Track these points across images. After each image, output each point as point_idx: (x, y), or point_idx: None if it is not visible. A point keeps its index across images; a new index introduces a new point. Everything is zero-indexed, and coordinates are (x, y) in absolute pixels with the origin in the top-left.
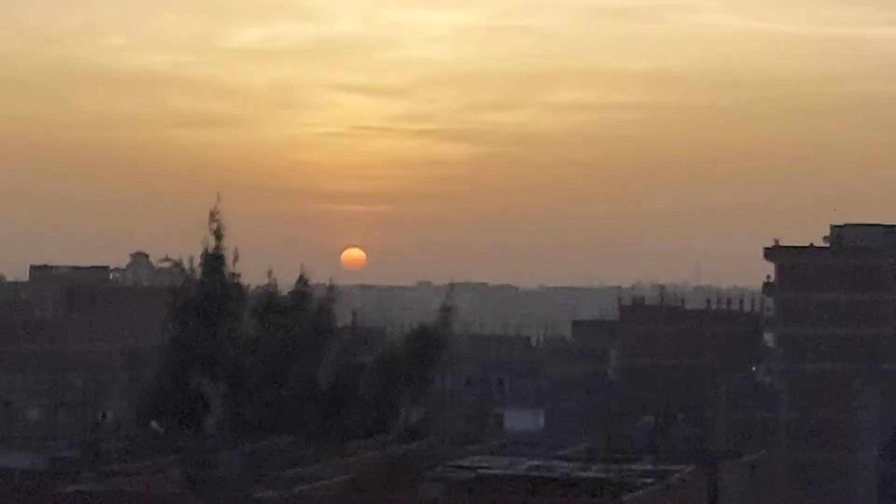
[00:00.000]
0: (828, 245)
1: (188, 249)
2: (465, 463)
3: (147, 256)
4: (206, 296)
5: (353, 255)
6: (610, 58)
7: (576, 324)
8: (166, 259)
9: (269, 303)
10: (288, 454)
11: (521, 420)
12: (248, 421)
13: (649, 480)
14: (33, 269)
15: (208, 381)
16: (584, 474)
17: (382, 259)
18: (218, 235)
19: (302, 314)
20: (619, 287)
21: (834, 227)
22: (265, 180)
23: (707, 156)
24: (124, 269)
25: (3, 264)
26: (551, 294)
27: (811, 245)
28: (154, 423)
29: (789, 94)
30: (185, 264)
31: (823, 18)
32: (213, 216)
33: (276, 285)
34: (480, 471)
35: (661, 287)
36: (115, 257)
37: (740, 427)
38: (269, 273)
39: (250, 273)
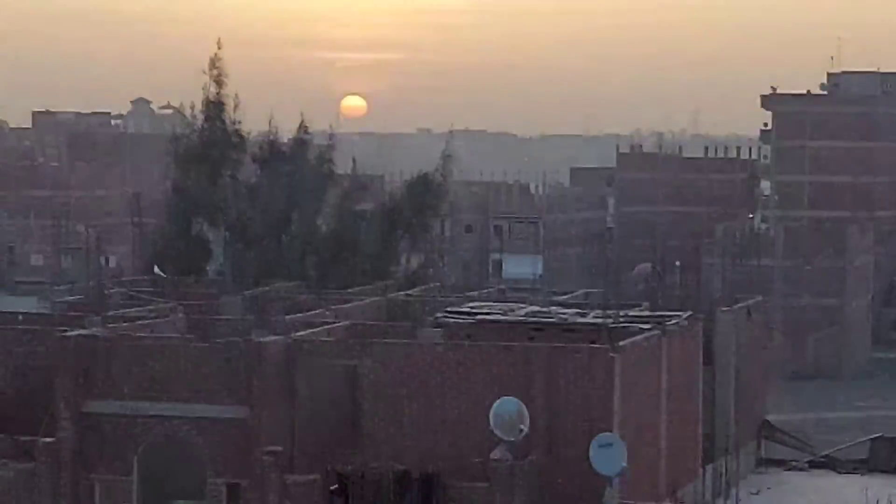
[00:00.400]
0: (825, 93)
1: (189, 96)
2: (464, 308)
3: (149, 103)
4: (207, 143)
5: (354, 102)
6: None
7: (574, 171)
8: (167, 106)
9: (270, 150)
10: (289, 300)
11: (519, 266)
12: (249, 267)
13: (646, 326)
14: (36, 115)
15: (210, 228)
16: (582, 320)
17: (382, 106)
18: (219, 82)
19: (303, 161)
20: (618, 135)
21: (831, 75)
22: (266, 27)
23: (705, 2)
24: (126, 116)
25: (5, 111)
26: (550, 142)
27: (808, 93)
28: (157, 269)
29: None
30: (187, 111)
31: None
32: (213, 63)
33: (276, 132)
34: (479, 316)
35: (659, 135)
36: (117, 104)
37: (736, 274)
38: (270, 120)
39: (251, 120)
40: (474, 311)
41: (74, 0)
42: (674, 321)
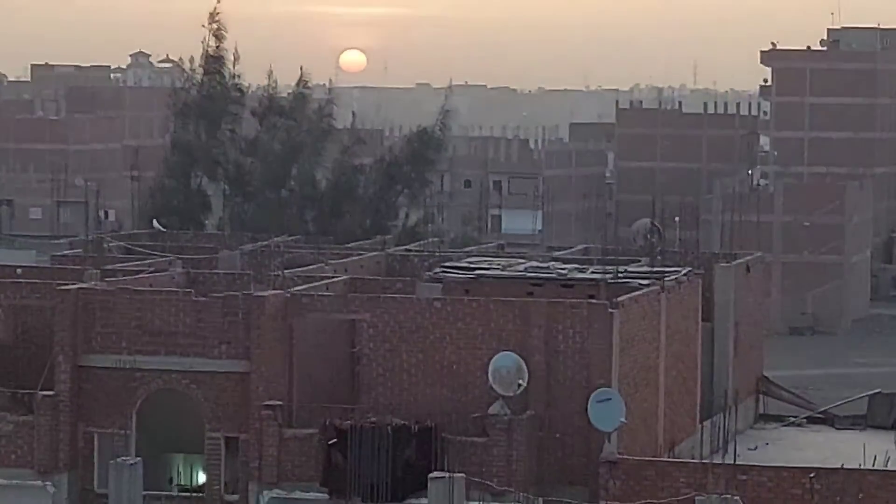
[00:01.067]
0: (824, 49)
1: (188, 50)
2: (463, 264)
3: (148, 56)
4: (206, 96)
5: (352, 56)
6: None
7: (574, 126)
8: (167, 60)
9: (270, 104)
10: (287, 254)
11: (518, 221)
12: (248, 220)
13: (645, 282)
14: (34, 68)
15: (209, 182)
16: (581, 275)
17: (381, 61)
18: (218, 36)
19: (302, 115)
20: (617, 90)
21: (831, 31)
22: None
23: None
24: (125, 69)
25: (3, 63)
26: (549, 96)
27: (808, 48)
28: (156, 222)
29: None
30: (186, 65)
31: None
32: (213, 17)
33: (276, 87)
34: (478, 272)
35: (659, 90)
36: (116, 57)
37: (735, 229)
38: (269, 74)
39: (250, 74)
40: (473, 266)
41: None
42: (672, 277)
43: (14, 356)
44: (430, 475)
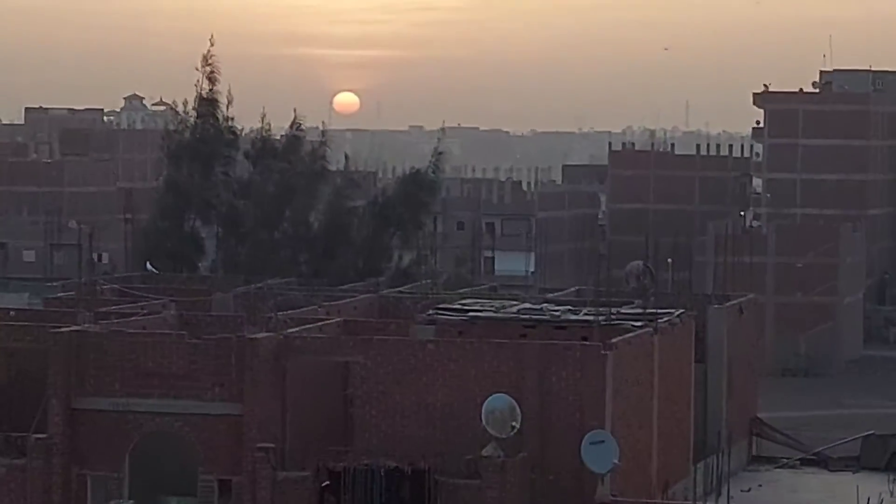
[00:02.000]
0: (817, 91)
1: (182, 93)
2: (456, 305)
3: (141, 99)
4: (200, 139)
5: (346, 99)
6: None
7: (567, 168)
8: (160, 102)
9: (263, 146)
10: (281, 296)
11: (511, 263)
12: (241, 263)
13: (638, 323)
14: (28, 111)
15: (202, 224)
16: (574, 317)
17: (375, 103)
18: (212, 79)
19: (295, 157)
20: (610, 132)
21: (823, 73)
22: (259, 24)
23: (699, 1)
24: (119, 112)
25: None
26: (542, 139)
27: (800, 90)
28: (149, 265)
29: None
30: (179, 108)
31: None
32: (206, 59)
33: (269, 129)
34: (471, 313)
35: (651, 132)
36: (110, 100)
37: (728, 271)
38: (263, 117)
39: (244, 117)
40: (466, 307)
41: None
42: (665, 318)
43: (7, 399)
44: None
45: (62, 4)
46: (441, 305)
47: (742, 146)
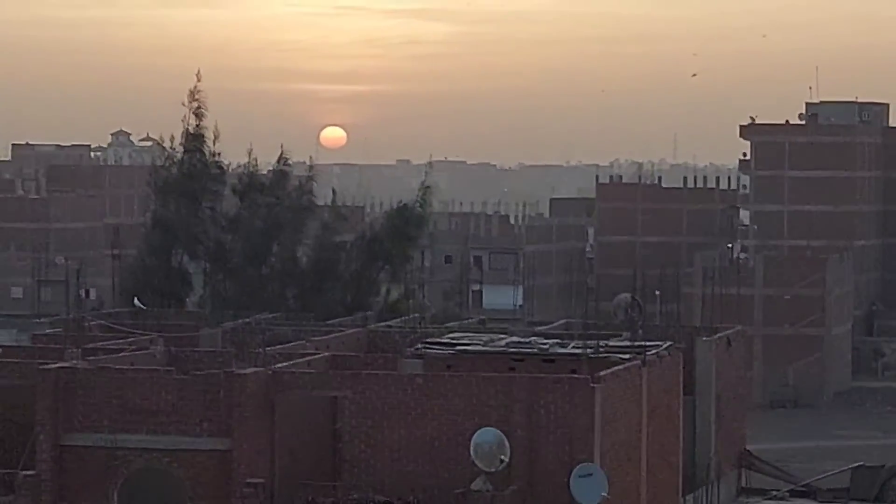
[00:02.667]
0: (803, 123)
1: (169, 128)
2: (444, 339)
3: (128, 135)
4: (187, 174)
5: (333, 133)
6: None
7: (554, 201)
8: (147, 138)
9: (250, 181)
10: (269, 331)
11: (499, 297)
12: (229, 298)
13: (626, 356)
14: (15, 147)
15: (190, 259)
16: (562, 350)
17: (362, 137)
18: (198, 114)
19: (282, 192)
20: (597, 165)
21: (809, 105)
22: (246, 60)
23: (686, 33)
24: (105, 148)
25: None
26: (530, 172)
27: (786, 122)
28: (137, 301)
29: None
30: (167, 143)
31: None
32: (193, 95)
33: (256, 164)
34: (459, 347)
35: (639, 165)
36: (97, 136)
37: (716, 303)
38: (250, 152)
39: (231, 152)
40: (454, 341)
41: (54, 33)
42: (654, 351)
43: None
44: None
45: (48, 41)
46: (429, 339)
47: (729, 178)
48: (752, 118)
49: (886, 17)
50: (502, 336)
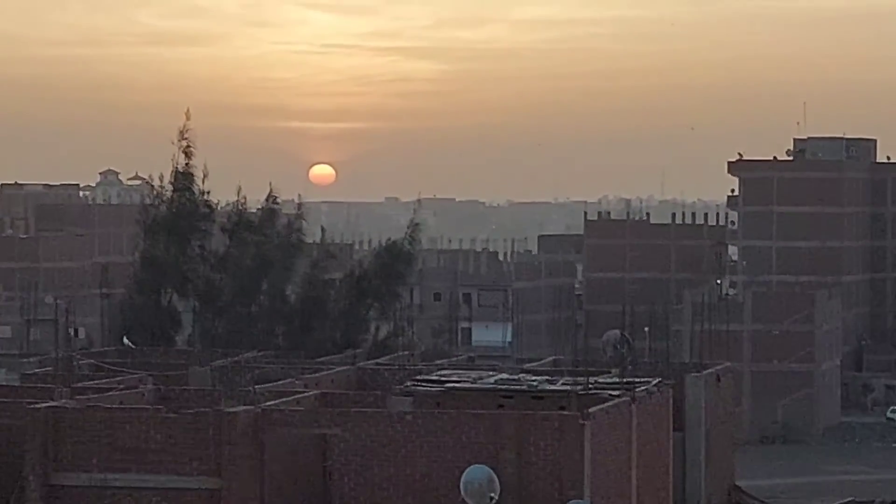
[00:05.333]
0: (791, 158)
1: (158, 167)
2: (434, 377)
3: (117, 174)
4: (176, 213)
5: (322, 171)
6: None
7: (542, 238)
8: (136, 177)
9: (239, 219)
10: (258, 369)
11: (488, 334)
12: (218, 336)
13: (616, 393)
14: (3, 186)
15: (179, 298)
16: (551, 387)
17: (350, 175)
18: (187, 153)
19: (271, 230)
20: (585, 201)
21: (797, 141)
22: (234, 98)
23: (673, 70)
24: (94, 187)
25: None
26: (518, 209)
27: (774, 158)
28: (126, 340)
29: (756, 6)
30: (155, 182)
31: None
32: (182, 134)
33: (245, 202)
34: (448, 384)
35: (627, 201)
36: (85, 175)
37: (705, 339)
38: (239, 190)
39: (220, 190)
40: (444, 379)
41: (42, 71)
42: (643, 387)
43: None
44: None
45: (37, 80)
46: (418, 377)
47: (717, 214)
48: (739, 154)
49: (873, 54)
50: (491, 373)
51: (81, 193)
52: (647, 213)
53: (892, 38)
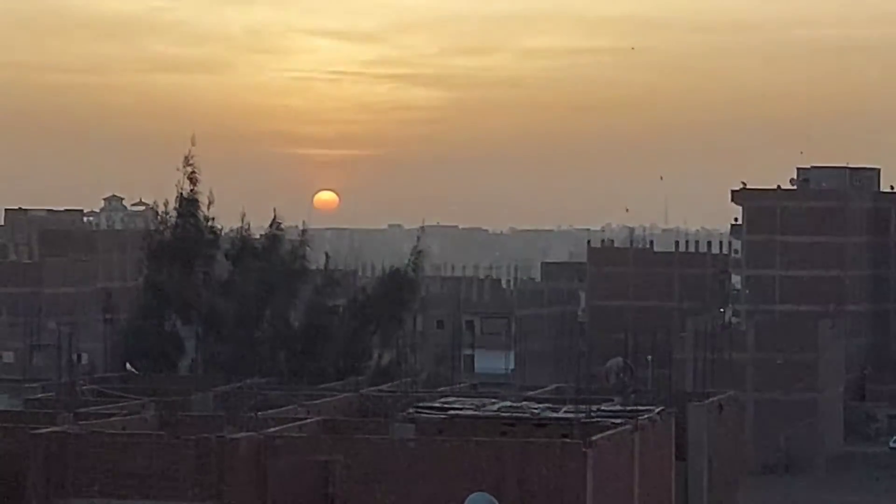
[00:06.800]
0: (794, 188)
1: (163, 193)
2: (436, 404)
3: (121, 200)
4: (180, 239)
5: (326, 197)
6: (581, 2)
7: (546, 266)
8: (140, 203)
9: (243, 246)
10: (261, 396)
11: (491, 361)
12: (221, 362)
13: (618, 421)
14: (8, 212)
15: (183, 323)
16: (554, 415)
17: (354, 202)
18: (192, 179)
19: (275, 257)
20: (589, 229)
21: (800, 170)
22: (239, 124)
23: (677, 99)
24: (98, 213)
25: None
26: (521, 236)
27: (778, 187)
28: (129, 365)
29: (759, 38)
30: (160, 208)
31: None
32: (187, 160)
33: (249, 228)
34: (451, 412)
35: (630, 229)
36: (90, 201)
37: (708, 368)
38: (243, 216)
39: (224, 216)
40: (446, 406)
41: (47, 98)
42: (646, 415)
43: None
44: None
45: (42, 106)
46: (421, 404)
47: (721, 243)
48: (743, 183)
49: (877, 84)
50: (494, 400)
51: (85, 219)
52: (651, 242)
53: None
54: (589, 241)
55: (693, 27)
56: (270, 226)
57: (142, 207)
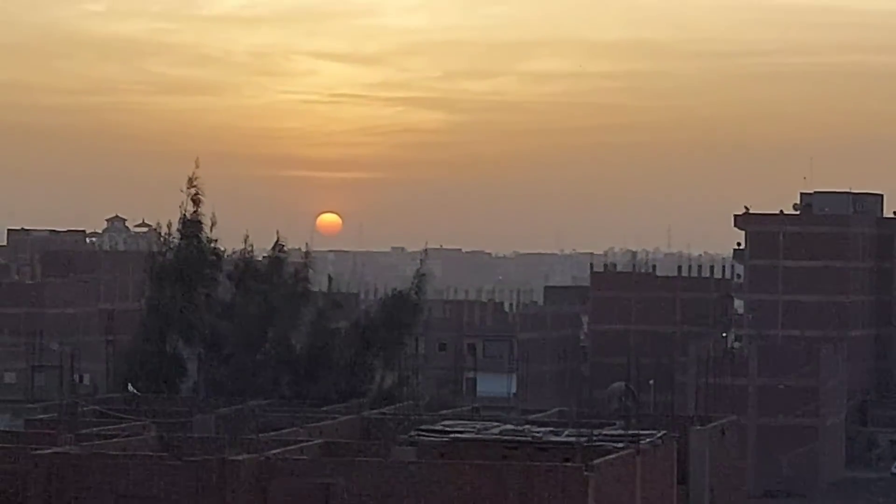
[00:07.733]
0: (797, 213)
1: (165, 214)
2: (438, 427)
3: (124, 221)
4: (183, 260)
5: (329, 220)
6: (585, 26)
7: (548, 289)
8: (143, 224)
9: (246, 268)
10: (263, 418)
11: (493, 384)
12: (223, 384)
13: (620, 445)
14: (10, 232)
15: (185, 345)
16: (556, 438)
17: (357, 224)
18: (195, 201)
19: (278, 279)
20: (591, 253)
21: (804, 195)
22: (242, 146)
23: (680, 123)
24: (101, 234)
25: None
26: (524, 260)
27: (781, 212)
28: (130, 387)
29: (763, 62)
30: (163, 229)
31: None
32: (191, 182)
33: (252, 250)
34: (453, 435)
35: (633, 253)
36: (92, 221)
37: (710, 392)
38: (246, 238)
39: (227, 238)
40: (448, 429)
41: (50, 119)
42: (648, 440)
43: None
44: None
45: (45, 127)
46: (423, 427)
47: (723, 267)
48: (746, 208)
49: (881, 109)
50: (496, 424)
51: (88, 240)
52: (654, 266)
53: None
54: (591, 265)
55: (696, 52)
56: (273, 248)
57: (144, 229)
